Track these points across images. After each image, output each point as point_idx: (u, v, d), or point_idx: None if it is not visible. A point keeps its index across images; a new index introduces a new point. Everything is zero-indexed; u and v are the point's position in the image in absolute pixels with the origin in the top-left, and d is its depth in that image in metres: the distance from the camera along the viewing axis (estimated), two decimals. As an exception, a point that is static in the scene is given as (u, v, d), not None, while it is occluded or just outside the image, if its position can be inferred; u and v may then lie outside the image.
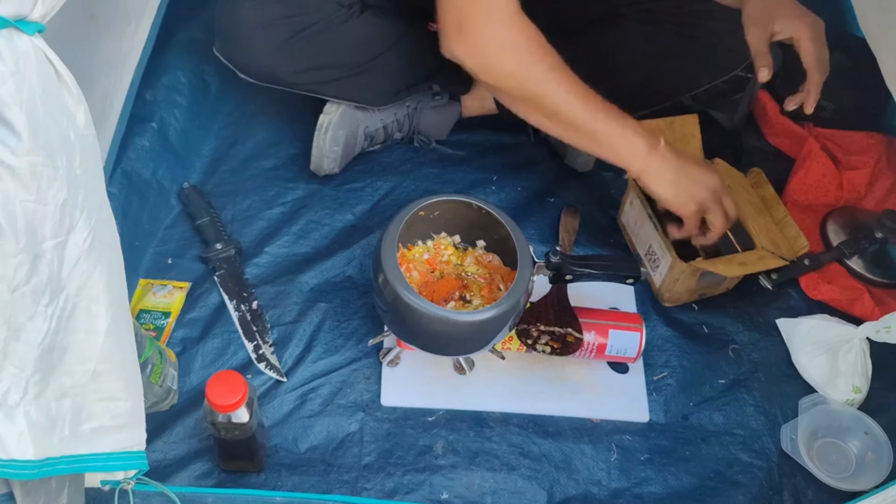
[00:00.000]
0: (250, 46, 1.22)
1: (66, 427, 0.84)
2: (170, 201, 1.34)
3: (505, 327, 1.04)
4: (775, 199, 1.34)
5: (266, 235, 1.32)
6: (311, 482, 1.07)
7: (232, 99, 1.47)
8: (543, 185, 1.43)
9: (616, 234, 1.38)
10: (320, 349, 1.20)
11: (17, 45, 0.66)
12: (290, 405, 1.14)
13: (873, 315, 1.24)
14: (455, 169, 1.43)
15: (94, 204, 0.78)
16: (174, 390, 1.12)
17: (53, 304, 0.77)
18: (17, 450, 0.80)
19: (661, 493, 1.11)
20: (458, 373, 1.18)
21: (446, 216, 1.12)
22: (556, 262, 1.08)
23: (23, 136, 0.67)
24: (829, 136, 1.46)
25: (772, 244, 1.23)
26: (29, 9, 0.66)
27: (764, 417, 1.18)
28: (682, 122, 1.29)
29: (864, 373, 1.17)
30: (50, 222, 0.73)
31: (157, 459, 1.06)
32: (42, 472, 0.82)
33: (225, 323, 1.21)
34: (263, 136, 1.45)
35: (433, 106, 1.39)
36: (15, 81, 0.66)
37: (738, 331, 1.27)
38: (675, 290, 1.26)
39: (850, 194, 1.42)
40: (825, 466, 1.13)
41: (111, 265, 0.82)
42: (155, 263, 1.27)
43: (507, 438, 1.13)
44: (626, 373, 1.21)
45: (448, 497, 1.08)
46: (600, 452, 1.13)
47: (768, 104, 1.50)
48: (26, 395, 0.79)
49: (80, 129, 0.74)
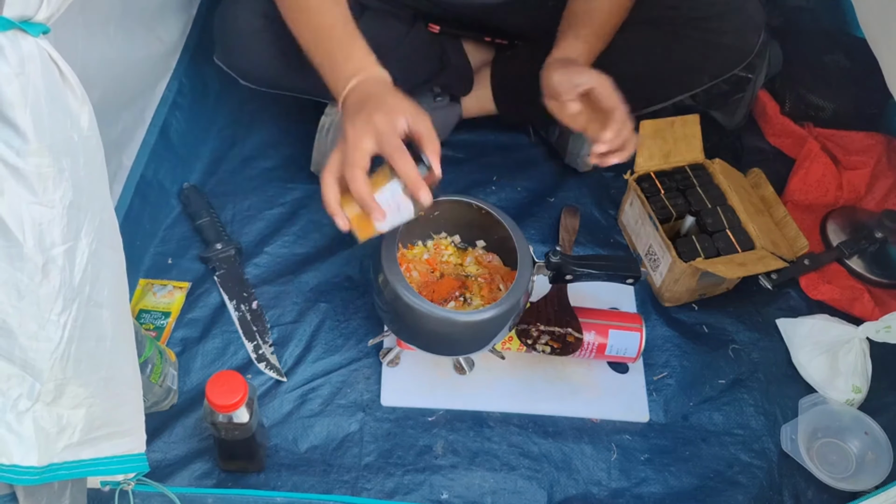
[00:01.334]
0: (250, 54, 1.22)
1: (75, 435, 0.83)
2: (170, 201, 1.34)
3: (505, 327, 1.04)
4: (775, 199, 1.34)
5: (266, 235, 1.32)
6: (311, 482, 1.07)
7: (232, 99, 1.47)
8: (543, 185, 1.43)
9: (616, 234, 1.38)
10: (320, 349, 1.20)
11: (21, 46, 0.66)
12: (290, 405, 1.14)
13: (873, 315, 1.24)
14: (455, 169, 1.43)
15: (98, 207, 0.78)
16: (174, 390, 1.12)
17: (66, 312, 0.76)
18: (20, 456, 0.80)
19: (661, 493, 1.11)
20: (458, 373, 1.18)
21: (446, 216, 1.12)
22: (556, 262, 1.08)
23: (28, 138, 0.67)
24: (829, 136, 1.46)
25: (772, 244, 1.24)
26: (34, 10, 0.66)
27: (764, 417, 1.18)
28: (682, 123, 1.29)
29: (864, 373, 1.17)
30: (58, 226, 0.72)
31: (157, 459, 1.06)
32: (44, 478, 0.82)
33: (225, 323, 1.21)
34: (263, 137, 1.45)
35: (434, 107, 1.39)
36: (20, 83, 0.66)
37: (738, 331, 1.27)
38: (675, 290, 1.26)
39: (850, 194, 1.42)
40: (825, 466, 1.13)
41: (114, 268, 0.82)
42: (155, 263, 1.27)
43: (507, 438, 1.13)
44: (626, 373, 1.21)
45: (448, 497, 1.08)
46: (600, 452, 1.13)
47: (768, 104, 1.50)
48: (38, 402, 0.78)
49: (84, 130, 0.74)
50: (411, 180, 0.90)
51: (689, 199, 1.27)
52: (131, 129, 1.28)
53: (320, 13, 1.03)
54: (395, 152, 0.90)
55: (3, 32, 0.64)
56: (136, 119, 1.29)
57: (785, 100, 1.50)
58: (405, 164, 0.90)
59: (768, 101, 1.50)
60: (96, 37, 1.08)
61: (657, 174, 1.30)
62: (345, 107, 0.97)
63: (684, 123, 1.29)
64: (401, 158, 0.90)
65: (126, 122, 1.25)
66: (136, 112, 1.29)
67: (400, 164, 0.90)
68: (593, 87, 1.03)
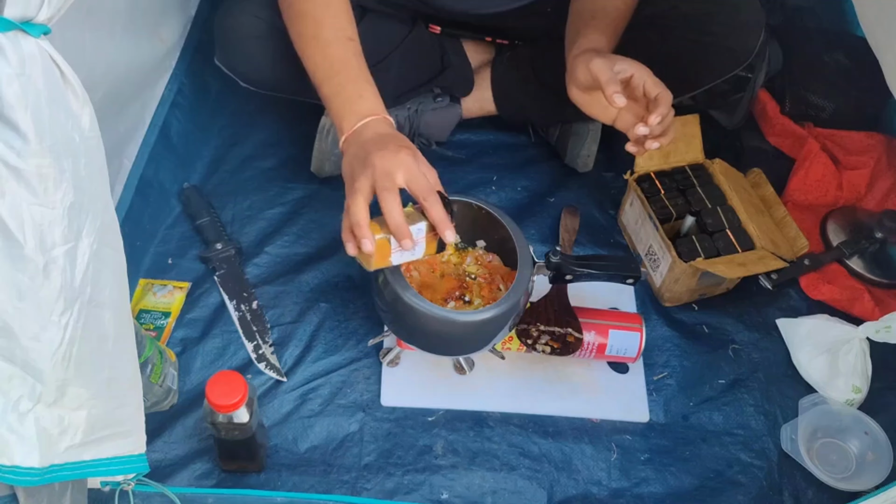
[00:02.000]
0: (251, 57, 1.22)
1: (77, 436, 0.83)
2: (170, 201, 1.34)
3: (505, 327, 1.04)
4: (775, 199, 1.34)
5: (266, 235, 1.32)
6: (311, 482, 1.07)
7: (232, 100, 1.47)
8: (543, 185, 1.43)
9: (616, 234, 1.38)
10: (320, 349, 1.20)
11: (22, 47, 0.66)
12: (290, 405, 1.14)
13: (873, 315, 1.24)
14: (455, 169, 1.43)
15: (99, 207, 0.78)
16: (174, 390, 1.12)
17: (68, 313, 0.76)
18: (21, 457, 0.80)
19: (661, 493, 1.11)
20: (458, 373, 1.18)
21: (446, 216, 1.12)
22: (556, 262, 1.08)
23: (29, 139, 0.67)
24: (829, 136, 1.46)
25: (772, 244, 1.24)
26: (35, 11, 0.66)
27: (764, 417, 1.18)
28: (682, 123, 1.29)
29: (864, 373, 1.17)
30: (59, 227, 0.72)
31: (157, 459, 1.06)
32: (45, 479, 0.82)
33: (225, 323, 1.21)
34: (264, 137, 1.45)
35: (434, 108, 1.39)
36: (21, 84, 0.66)
37: (738, 331, 1.27)
38: (675, 290, 1.26)
39: (850, 194, 1.42)
40: (825, 466, 1.13)
41: (115, 269, 0.82)
42: (155, 263, 1.27)
43: (507, 438, 1.13)
44: (626, 373, 1.21)
45: (448, 497, 1.08)
46: (600, 452, 1.13)
47: (768, 104, 1.50)
48: (39, 403, 0.78)
49: (85, 131, 0.74)
50: (442, 221, 0.93)
51: (689, 199, 1.27)
52: (132, 130, 1.28)
53: (334, 46, 1.04)
54: (430, 195, 0.92)
55: (4, 33, 0.64)
56: (136, 119, 1.29)
57: (785, 100, 1.50)
58: (438, 206, 0.92)
59: (768, 101, 1.50)
60: (103, 38, 1.09)
61: (657, 174, 1.30)
62: (354, 138, 0.99)
63: (684, 123, 1.29)
64: (436, 201, 0.92)
65: (126, 123, 1.25)
66: (137, 112, 1.29)
67: (435, 206, 0.92)
68: (633, 73, 1.02)
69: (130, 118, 1.26)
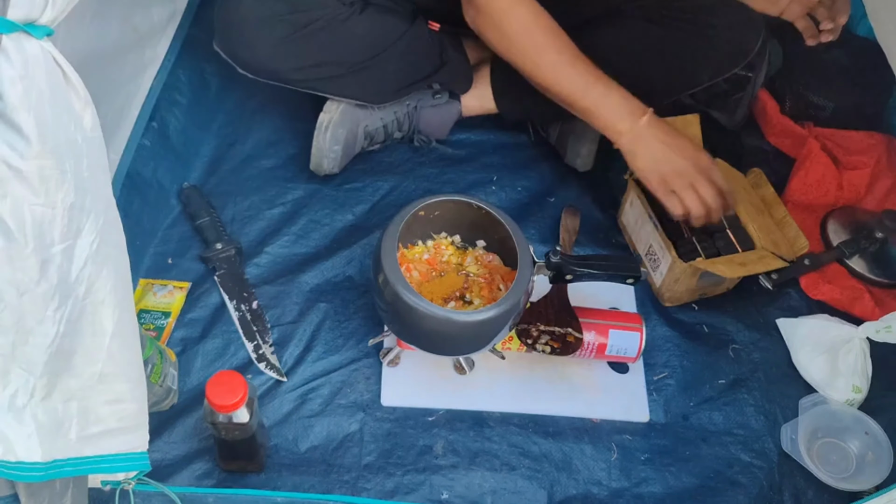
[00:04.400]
0: (251, 42, 1.22)
1: (72, 429, 0.84)
2: (170, 201, 1.34)
3: (505, 327, 1.04)
4: (775, 199, 1.34)
5: (266, 235, 1.32)
6: (312, 482, 1.07)
7: (232, 98, 1.47)
8: (543, 185, 1.43)
9: (616, 234, 1.38)
10: (320, 349, 1.20)
11: (25, 48, 0.66)
12: (290, 405, 1.14)
13: (873, 315, 1.24)
14: (455, 169, 1.43)
15: (101, 206, 0.78)
16: (174, 390, 1.12)
17: (62, 308, 0.77)
18: (24, 452, 0.80)
19: (661, 493, 1.11)
20: (458, 373, 1.18)
21: (446, 216, 1.12)
22: (556, 262, 1.08)
23: (31, 140, 0.67)
24: (829, 136, 1.46)
25: (772, 244, 1.24)
26: (38, 13, 0.66)
27: (764, 417, 1.18)
28: (682, 122, 1.29)
29: (864, 373, 1.17)
30: (58, 226, 0.72)
31: (158, 459, 1.06)
32: (49, 474, 0.82)
33: (225, 323, 1.21)
34: (263, 136, 1.45)
35: (433, 105, 1.39)
36: (24, 85, 0.66)
37: (738, 331, 1.27)
38: (675, 289, 1.26)
39: (850, 194, 1.42)
40: (825, 466, 1.13)
41: (117, 267, 0.82)
42: (155, 263, 1.27)
43: (507, 438, 1.13)
44: (626, 373, 1.21)
45: (448, 497, 1.08)
46: (600, 452, 1.13)
47: (768, 104, 1.50)
48: (33, 397, 0.79)
49: (88, 132, 0.74)
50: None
51: (689, 198, 1.27)
52: (114, 123, 1.26)
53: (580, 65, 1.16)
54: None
55: (7, 35, 0.64)
56: (118, 112, 1.27)
57: (785, 99, 1.50)
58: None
59: (768, 101, 1.50)
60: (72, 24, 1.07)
61: (657, 174, 1.30)
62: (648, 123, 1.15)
63: (684, 123, 1.29)
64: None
65: (107, 115, 1.23)
66: (120, 104, 1.27)
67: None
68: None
69: (112, 110, 1.24)
